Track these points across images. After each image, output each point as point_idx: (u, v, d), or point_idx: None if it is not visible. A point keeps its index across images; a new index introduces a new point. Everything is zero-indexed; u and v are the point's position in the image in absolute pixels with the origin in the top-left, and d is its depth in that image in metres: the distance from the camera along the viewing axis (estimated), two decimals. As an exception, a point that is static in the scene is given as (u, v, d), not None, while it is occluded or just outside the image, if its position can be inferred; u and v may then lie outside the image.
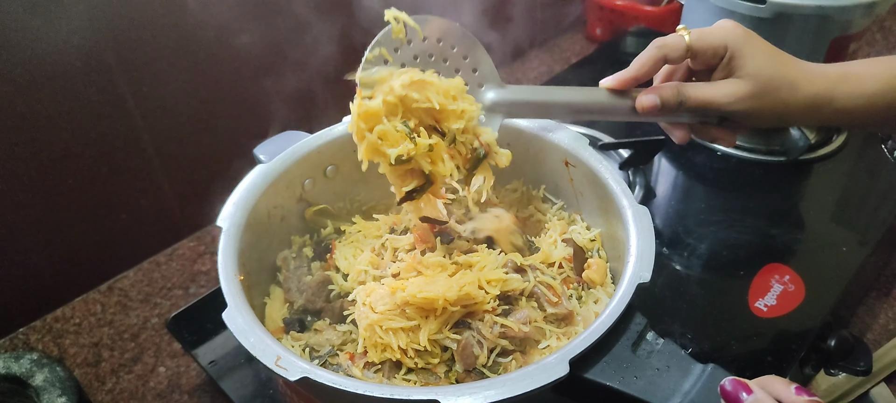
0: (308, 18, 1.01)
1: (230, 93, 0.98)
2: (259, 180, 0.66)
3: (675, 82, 0.61)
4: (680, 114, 0.62)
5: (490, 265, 0.61)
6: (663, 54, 0.59)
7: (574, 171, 0.70)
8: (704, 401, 0.45)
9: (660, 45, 0.59)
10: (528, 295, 0.61)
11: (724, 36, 0.59)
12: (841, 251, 0.84)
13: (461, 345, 0.56)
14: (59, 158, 0.84)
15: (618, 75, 0.61)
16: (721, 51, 0.58)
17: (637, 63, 0.60)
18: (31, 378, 0.64)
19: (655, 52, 0.59)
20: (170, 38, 0.88)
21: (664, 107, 0.60)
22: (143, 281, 0.92)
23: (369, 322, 0.57)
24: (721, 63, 0.59)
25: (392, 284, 0.58)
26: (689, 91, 0.59)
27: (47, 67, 0.79)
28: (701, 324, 0.74)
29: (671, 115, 0.62)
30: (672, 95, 0.59)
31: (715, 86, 0.59)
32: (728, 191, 0.96)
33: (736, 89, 0.58)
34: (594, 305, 0.63)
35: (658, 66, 0.60)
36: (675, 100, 0.59)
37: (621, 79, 0.61)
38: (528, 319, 0.58)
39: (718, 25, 0.60)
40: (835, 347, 0.71)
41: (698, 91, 0.59)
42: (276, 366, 0.48)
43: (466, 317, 0.58)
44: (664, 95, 0.59)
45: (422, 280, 0.58)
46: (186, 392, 0.77)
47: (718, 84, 0.59)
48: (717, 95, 0.59)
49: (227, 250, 0.59)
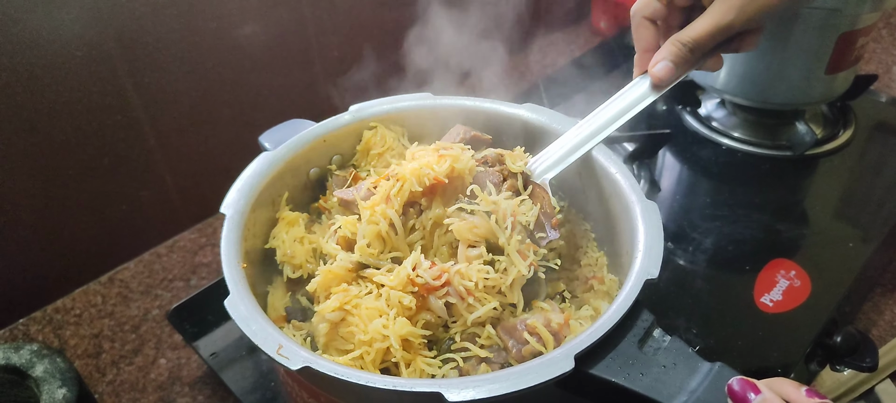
0: (310, 9, 1.01)
1: (232, 85, 0.97)
2: (264, 167, 0.65)
3: (670, 39, 0.59)
4: (699, 60, 0.60)
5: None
6: (643, 15, 0.58)
7: (582, 165, 0.70)
8: (711, 400, 0.44)
9: (635, 10, 0.59)
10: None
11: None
12: (847, 246, 0.83)
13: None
14: (59, 149, 0.83)
15: (636, 62, 0.61)
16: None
17: (635, 40, 0.60)
18: (32, 368, 0.64)
19: (637, 19, 0.59)
20: (172, 28, 0.87)
21: (679, 64, 0.58)
22: (143, 272, 0.91)
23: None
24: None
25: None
26: (684, 37, 0.57)
27: (48, 57, 0.78)
28: (706, 319, 0.74)
29: (691, 67, 0.60)
30: (677, 50, 0.57)
31: (702, 19, 0.57)
32: (733, 185, 0.96)
33: (721, 8, 0.56)
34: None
35: (650, 28, 0.59)
36: (682, 53, 0.57)
37: (638, 62, 0.61)
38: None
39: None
40: (841, 343, 0.71)
41: (692, 31, 0.57)
42: (278, 355, 0.47)
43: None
44: (671, 54, 0.58)
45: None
46: (187, 383, 0.77)
47: (704, 14, 0.57)
48: (707, 24, 0.57)
49: (230, 237, 0.58)
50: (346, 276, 0.58)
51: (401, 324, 0.52)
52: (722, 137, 1.02)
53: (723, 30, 0.57)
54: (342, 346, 0.54)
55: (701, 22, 0.57)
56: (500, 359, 0.52)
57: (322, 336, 0.55)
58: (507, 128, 0.73)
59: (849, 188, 0.96)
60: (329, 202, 0.71)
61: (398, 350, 0.52)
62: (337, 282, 0.57)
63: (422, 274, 0.54)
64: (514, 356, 0.52)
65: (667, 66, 0.58)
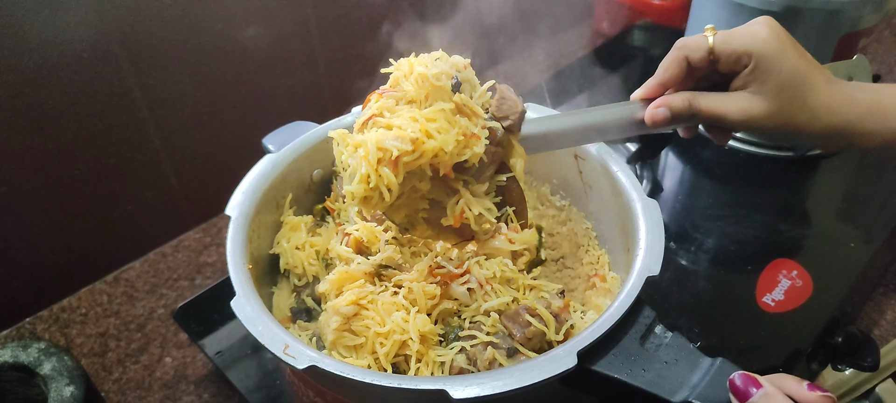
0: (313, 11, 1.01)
1: (236, 86, 0.98)
2: (268, 169, 0.66)
3: (687, 93, 0.58)
4: (690, 124, 0.60)
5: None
6: (684, 55, 0.56)
7: (583, 164, 0.70)
8: (713, 395, 0.45)
9: (681, 45, 0.57)
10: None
11: (751, 43, 0.54)
12: (848, 247, 0.83)
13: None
14: (65, 149, 0.84)
15: (646, 85, 0.59)
16: (744, 59, 0.55)
17: (661, 68, 0.58)
18: (39, 367, 0.65)
19: (677, 54, 0.57)
20: (177, 29, 0.88)
21: (675, 118, 0.58)
22: (149, 271, 0.92)
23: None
24: (743, 72, 0.55)
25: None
26: (701, 102, 0.57)
27: (54, 58, 0.79)
28: (708, 319, 0.74)
29: (682, 124, 0.60)
30: (683, 107, 0.57)
31: (728, 99, 0.56)
32: (735, 185, 0.96)
33: (750, 106, 0.55)
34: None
35: (682, 68, 0.57)
36: (687, 113, 0.57)
37: (649, 87, 0.59)
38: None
39: (748, 28, 0.56)
40: (842, 343, 0.71)
41: (711, 102, 0.57)
42: (284, 355, 0.48)
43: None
44: (675, 106, 0.57)
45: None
46: (193, 382, 0.77)
47: (732, 97, 0.56)
48: (730, 110, 0.56)
49: (235, 239, 0.59)
50: (361, 277, 0.59)
51: (422, 321, 0.54)
52: (724, 138, 1.02)
53: (745, 124, 0.56)
54: (352, 342, 0.55)
55: (729, 103, 0.56)
56: (506, 344, 0.53)
57: (331, 331, 0.55)
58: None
59: (850, 188, 0.96)
60: (336, 203, 0.71)
61: (415, 343, 0.53)
62: (352, 282, 0.58)
63: (444, 264, 0.57)
64: (519, 340, 0.53)
65: (665, 116, 0.57)
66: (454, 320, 0.56)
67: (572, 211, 0.75)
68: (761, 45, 0.54)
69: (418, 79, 0.55)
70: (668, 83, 0.58)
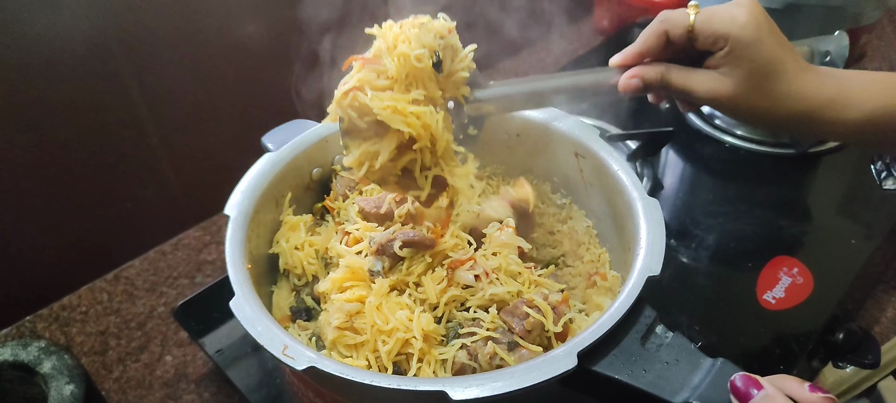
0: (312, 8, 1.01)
1: (235, 83, 0.98)
2: (267, 168, 0.66)
3: (661, 66, 0.59)
4: (661, 94, 0.62)
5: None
6: (665, 29, 0.58)
7: (584, 163, 0.70)
8: (714, 396, 0.45)
9: (664, 18, 0.58)
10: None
11: (729, 27, 0.55)
12: (849, 243, 0.83)
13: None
14: (63, 147, 0.84)
15: (625, 51, 0.61)
16: (721, 42, 0.56)
17: (642, 37, 0.59)
18: (39, 365, 0.64)
19: (658, 27, 0.58)
20: (175, 27, 0.87)
21: (646, 89, 0.59)
22: (148, 270, 0.92)
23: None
24: (718, 53, 0.56)
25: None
26: (673, 76, 0.58)
27: (51, 55, 0.78)
28: (708, 317, 0.74)
29: (653, 93, 0.62)
30: (656, 79, 0.59)
31: (698, 77, 0.58)
32: (736, 182, 0.96)
33: (717, 87, 0.57)
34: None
35: (661, 41, 0.59)
36: (658, 85, 0.59)
37: (628, 54, 0.61)
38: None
39: (729, 10, 0.56)
40: (843, 340, 0.71)
41: (681, 78, 0.58)
42: (284, 355, 0.48)
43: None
44: (648, 77, 0.59)
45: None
46: (193, 380, 0.77)
47: (702, 75, 0.58)
48: (698, 88, 0.57)
49: (234, 239, 0.59)
50: (365, 275, 0.59)
51: (426, 320, 0.54)
52: (724, 135, 1.02)
53: (713, 101, 0.57)
54: (352, 340, 0.55)
55: (698, 80, 0.58)
56: (506, 338, 0.53)
57: (332, 329, 0.55)
58: (508, 124, 0.74)
59: (851, 185, 0.96)
60: (335, 202, 0.71)
61: (418, 341, 0.53)
62: (357, 278, 0.58)
63: (450, 254, 0.59)
64: (519, 333, 0.54)
65: (637, 86, 0.59)
66: (457, 314, 0.57)
67: (573, 209, 0.75)
68: (739, 30, 0.55)
69: (400, 59, 0.54)
70: (646, 53, 0.60)
